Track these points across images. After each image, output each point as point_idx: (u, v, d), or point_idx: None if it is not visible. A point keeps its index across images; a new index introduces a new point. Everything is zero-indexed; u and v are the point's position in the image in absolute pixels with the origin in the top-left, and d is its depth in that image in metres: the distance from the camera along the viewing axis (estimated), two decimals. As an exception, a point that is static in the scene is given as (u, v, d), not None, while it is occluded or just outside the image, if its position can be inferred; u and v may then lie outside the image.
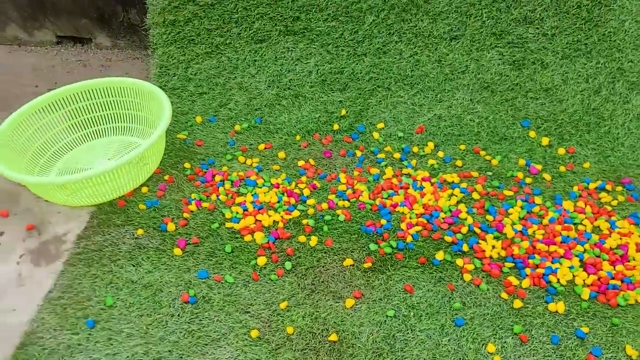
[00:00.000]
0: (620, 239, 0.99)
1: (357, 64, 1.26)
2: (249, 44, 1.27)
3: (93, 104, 1.23)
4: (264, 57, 1.28)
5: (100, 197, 1.09)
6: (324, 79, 1.27)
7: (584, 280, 0.93)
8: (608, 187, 1.09)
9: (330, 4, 1.25)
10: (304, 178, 1.16)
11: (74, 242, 1.05)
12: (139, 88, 1.20)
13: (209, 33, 1.27)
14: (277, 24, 1.27)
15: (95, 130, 1.26)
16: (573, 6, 1.17)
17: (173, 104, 1.29)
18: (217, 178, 1.16)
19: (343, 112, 1.26)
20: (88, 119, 1.24)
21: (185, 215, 1.08)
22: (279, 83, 1.28)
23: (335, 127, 1.25)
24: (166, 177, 1.16)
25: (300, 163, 1.19)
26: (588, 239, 1.00)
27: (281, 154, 1.20)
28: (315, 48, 1.27)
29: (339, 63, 1.27)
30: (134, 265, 0.99)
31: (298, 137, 1.24)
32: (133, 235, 1.05)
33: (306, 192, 1.12)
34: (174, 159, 1.21)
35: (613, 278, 0.93)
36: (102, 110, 1.25)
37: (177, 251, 1.01)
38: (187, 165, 1.19)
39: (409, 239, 1.02)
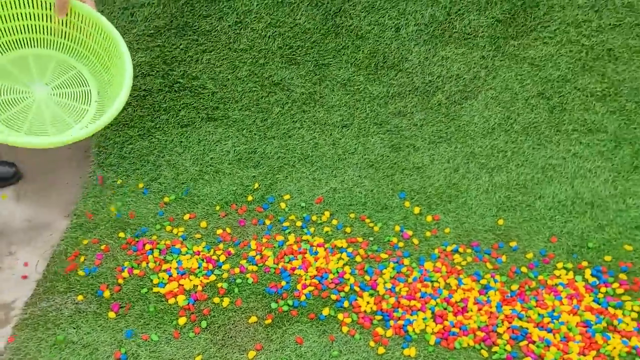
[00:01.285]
0: (464, 293, 1.29)
1: (267, 145, 1.52)
2: (176, 128, 1.50)
3: (29, 13, 1.15)
4: (189, 139, 1.52)
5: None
6: (240, 157, 1.52)
7: (432, 329, 1.22)
8: (461, 249, 1.39)
9: (244, 97, 1.50)
10: (221, 245, 1.39)
11: (22, 309, 1.24)
12: (94, 20, 1.13)
13: (141, 119, 1.50)
14: (200, 112, 1.51)
15: (26, 37, 1.16)
16: (435, 104, 1.47)
17: (109, 179, 1.50)
18: (147, 247, 1.38)
19: (256, 185, 1.51)
20: (20, 25, 1.15)
21: (119, 281, 1.30)
22: (202, 161, 1.52)
23: (250, 198, 1.50)
24: (103, 247, 1.37)
25: (219, 231, 1.42)
26: (440, 294, 1.28)
27: (203, 224, 1.44)
28: (232, 132, 1.53)
29: (252, 144, 1.52)
30: (74, 328, 1.19)
31: (218, 207, 1.48)
32: (74, 301, 1.25)
33: (222, 258, 1.36)
34: (110, 230, 1.42)
35: (454, 326, 1.22)
36: (38, 21, 1.15)
37: (112, 314, 1.23)
38: (121, 234, 1.40)
39: (303, 297, 1.28)
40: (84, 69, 1.18)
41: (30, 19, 1.15)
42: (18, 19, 1.15)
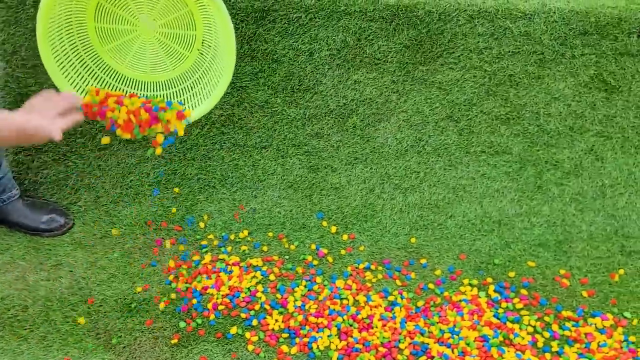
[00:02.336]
0: (371, 309, 1.31)
1: (187, 167, 1.54)
2: (93, 151, 1.51)
3: None
4: (107, 163, 1.52)
5: None
6: (160, 179, 1.54)
7: (336, 346, 1.24)
8: (372, 267, 1.42)
9: (163, 120, 1.53)
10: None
11: None
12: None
13: (56, 143, 1.50)
14: (117, 135, 1.52)
15: None
16: (351, 126, 1.52)
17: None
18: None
19: (176, 206, 1.52)
20: None
21: (26, 303, 1.28)
22: (122, 183, 1.53)
23: (173, 211, 1.51)
24: (14, 268, 1.36)
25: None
26: (347, 311, 1.31)
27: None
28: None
29: (172, 166, 1.54)
30: (-28, 353, 1.18)
31: (136, 227, 1.49)
32: (-25, 324, 1.24)
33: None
34: (22, 250, 1.41)
35: (358, 342, 1.24)
36: None
37: (13, 337, 1.21)
38: (34, 256, 1.40)
39: (212, 316, 1.28)
40: (195, 8, 1.14)
41: None
42: None
